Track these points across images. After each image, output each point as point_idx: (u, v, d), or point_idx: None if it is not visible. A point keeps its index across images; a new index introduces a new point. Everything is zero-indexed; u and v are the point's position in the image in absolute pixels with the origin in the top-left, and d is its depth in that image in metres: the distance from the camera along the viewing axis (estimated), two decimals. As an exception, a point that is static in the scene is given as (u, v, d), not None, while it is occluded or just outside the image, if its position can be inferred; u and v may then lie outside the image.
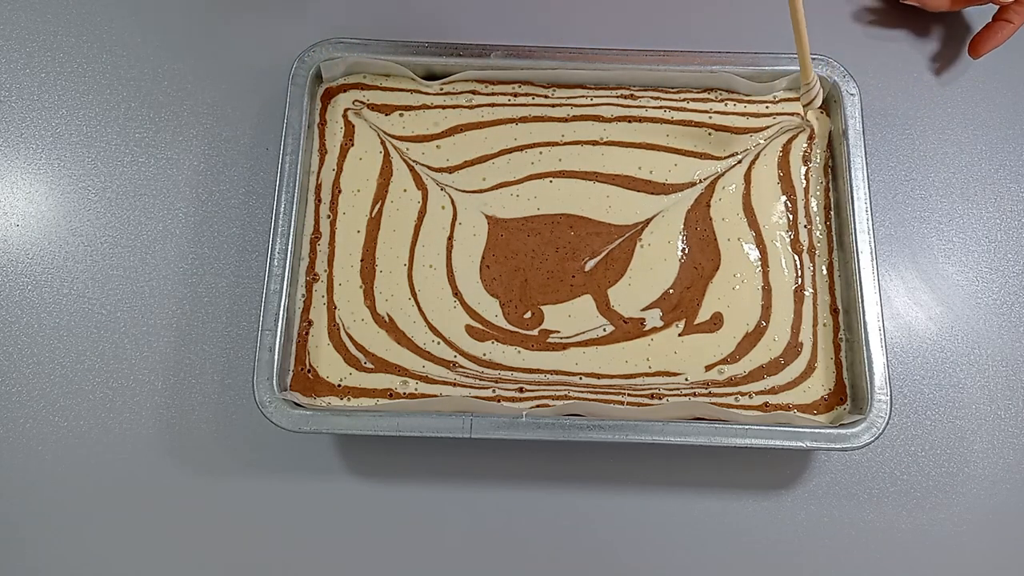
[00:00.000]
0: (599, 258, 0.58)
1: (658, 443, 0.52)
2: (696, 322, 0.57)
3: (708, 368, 0.56)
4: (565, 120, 0.61)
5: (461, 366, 0.56)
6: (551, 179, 0.60)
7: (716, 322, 0.57)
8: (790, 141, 0.61)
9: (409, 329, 0.56)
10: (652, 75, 0.61)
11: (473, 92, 0.61)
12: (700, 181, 0.60)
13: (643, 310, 0.57)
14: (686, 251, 0.58)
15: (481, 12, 0.68)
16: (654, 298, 0.57)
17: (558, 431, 0.52)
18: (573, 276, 0.58)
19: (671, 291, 0.57)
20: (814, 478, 0.57)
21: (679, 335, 0.57)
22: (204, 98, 0.65)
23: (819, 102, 0.58)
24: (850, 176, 0.58)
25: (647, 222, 0.59)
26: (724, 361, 0.56)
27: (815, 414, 0.55)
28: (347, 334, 0.56)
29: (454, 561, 0.56)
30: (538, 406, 0.54)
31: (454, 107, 0.61)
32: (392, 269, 0.58)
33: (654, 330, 0.57)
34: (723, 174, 0.60)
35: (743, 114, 0.61)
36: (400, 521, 0.56)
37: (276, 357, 0.53)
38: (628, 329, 0.57)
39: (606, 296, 0.57)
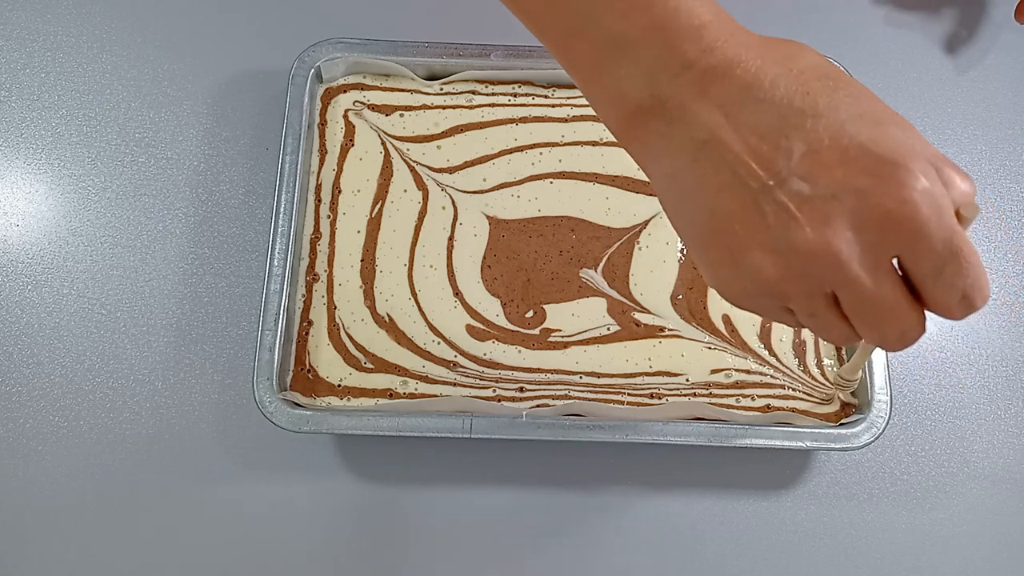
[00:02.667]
0: (602, 264, 0.58)
1: (658, 443, 0.52)
2: (706, 326, 0.57)
3: (715, 372, 0.56)
4: (565, 120, 0.61)
5: (461, 366, 0.56)
6: (551, 180, 0.60)
7: (728, 326, 0.57)
8: (790, 141, 0.61)
9: (409, 329, 0.56)
10: (652, 75, 0.61)
11: (473, 92, 0.62)
12: None
13: (655, 313, 0.57)
14: (684, 251, 0.58)
15: (481, 12, 0.68)
16: (663, 300, 0.57)
17: (558, 431, 0.52)
18: (580, 282, 0.58)
19: (679, 296, 0.57)
20: (814, 478, 0.57)
21: (690, 339, 0.56)
22: (204, 98, 0.65)
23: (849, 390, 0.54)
24: (850, 176, 0.58)
25: (645, 224, 0.59)
26: (735, 368, 0.56)
27: (816, 414, 0.55)
28: (347, 334, 0.56)
29: (454, 561, 0.56)
30: (538, 406, 0.54)
31: (454, 107, 0.61)
32: (392, 269, 0.58)
33: (666, 334, 0.57)
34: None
35: (743, 114, 0.61)
36: (400, 521, 0.56)
37: (276, 357, 0.53)
38: (639, 331, 0.57)
39: (618, 299, 0.57)
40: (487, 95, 0.62)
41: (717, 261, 0.33)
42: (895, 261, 0.31)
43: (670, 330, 0.57)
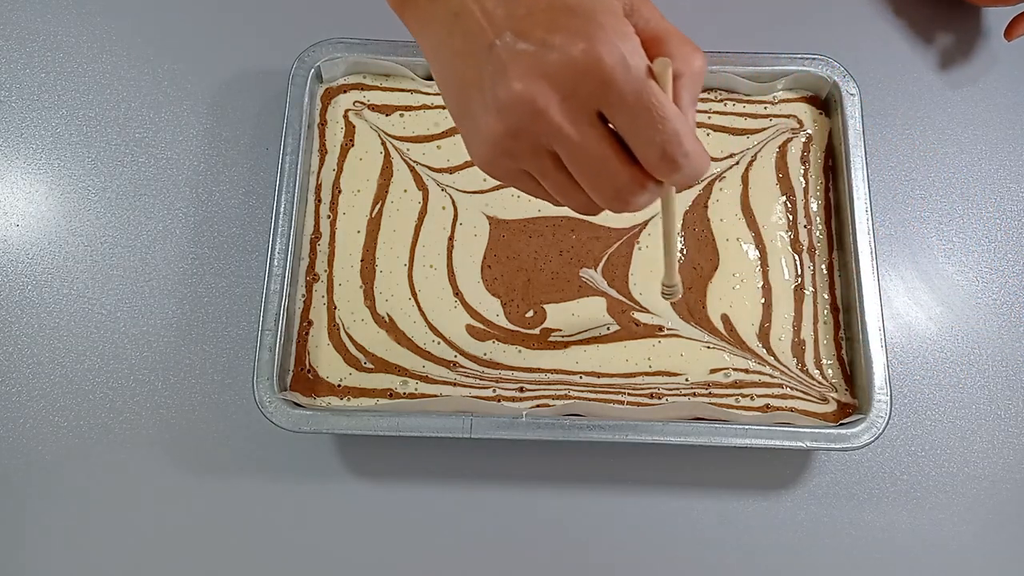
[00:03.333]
0: (602, 264, 0.58)
1: (658, 443, 0.52)
2: (705, 325, 0.57)
3: (714, 371, 0.56)
4: (565, 120, 0.61)
5: (461, 366, 0.56)
6: (551, 179, 0.60)
7: (727, 325, 0.57)
8: (787, 143, 0.61)
9: (409, 329, 0.56)
10: (652, 75, 0.61)
11: (473, 92, 0.61)
12: (699, 182, 0.60)
13: (654, 313, 0.57)
14: (684, 252, 0.58)
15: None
16: (662, 300, 0.57)
17: (558, 431, 0.52)
18: (581, 279, 0.58)
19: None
20: (814, 478, 0.57)
21: (689, 338, 0.57)
22: (204, 98, 0.65)
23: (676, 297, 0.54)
24: (850, 176, 0.58)
25: (645, 224, 0.59)
26: (734, 368, 0.56)
27: (815, 414, 0.55)
28: (347, 334, 0.56)
29: (454, 561, 0.56)
30: (538, 406, 0.54)
31: (454, 107, 0.61)
32: (392, 269, 0.58)
33: (665, 334, 0.57)
34: (721, 175, 0.60)
35: (742, 115, 0.61)
36: (400, 521, 0.56)
37: (276, 357, 0.53)
38: (639, 331, 0.57)
39: (618, 299, 0.57)
40: (487, 95, 0.61)
41: (466, 128, 0.36)
42: (610, 125, 0.33)
43: (669, 329, 0.57)
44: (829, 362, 0.56)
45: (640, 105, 0.31)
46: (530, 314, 0.57)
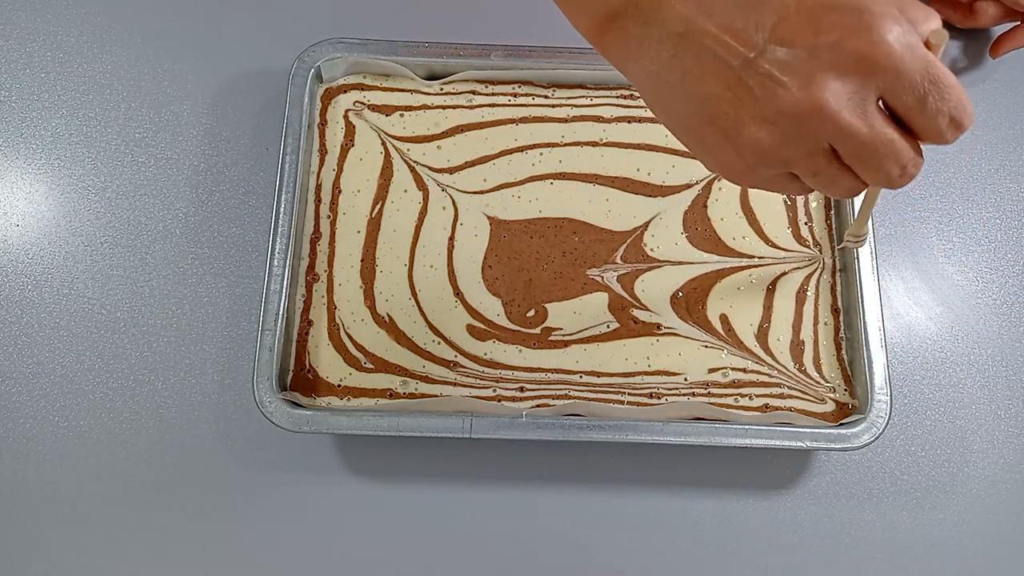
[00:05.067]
0: (614, 265, 0.58)
1: (658, 443, 0.52)
2: (703, 324, 0.57)
3: (712, 371, 0.56)
4: (565, 121, 0.61)
5: (462, 366, 0.56)
6: (552, 181, 0.60)
7: (725, 325, 0.57)
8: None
9: (409, 329, 0.56)
10: (652, 75, 0.61)
11: (473, 92, 0.62)
12: (697, 183, 0.60)
13: (655, 311, 0.57)
14: (689, 252, 0.58)
15: (481, 12, 0.68)
16: (663, 299, 0.57)
17: (558, 431, 0.52)
18: (585, 279, 0.58)
19: (680, 294, 0.57)
20: (814, 478, 0.57)
21: (686, 337, 0.57)
22: (204, 98, 0.65)
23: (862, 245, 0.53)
24: (850, 176, 0.58)
25: (646, 225, 0.59)
26: (732, 367, 0.56)
27: (815, 414, 0.55)
28: (347, 334, 0.56)
29: (454, 561, 0.56)
30: (538, 406, 0.54)
31: (454, 107, 0.61)
32: (392, 269, 0.58)
33: (663, 332, 0.57)
34: (719, 175, 0.60)
35: (743, 114, 0.61)
36: (400, 521, 0.56)
37: (276, 357, 0.53)
38: (637, 328, 0.57)
39: (619, 295, 0.57)
40: (487, 95, 0.62)
41: (715, 145, 0.35)
42: (881, 104, 0.32)
43: (667, 328, 0.57)
44: (829, 362, 0.56)
45: (928, 81, 0.31)
46: (531, 313, 0.57)
